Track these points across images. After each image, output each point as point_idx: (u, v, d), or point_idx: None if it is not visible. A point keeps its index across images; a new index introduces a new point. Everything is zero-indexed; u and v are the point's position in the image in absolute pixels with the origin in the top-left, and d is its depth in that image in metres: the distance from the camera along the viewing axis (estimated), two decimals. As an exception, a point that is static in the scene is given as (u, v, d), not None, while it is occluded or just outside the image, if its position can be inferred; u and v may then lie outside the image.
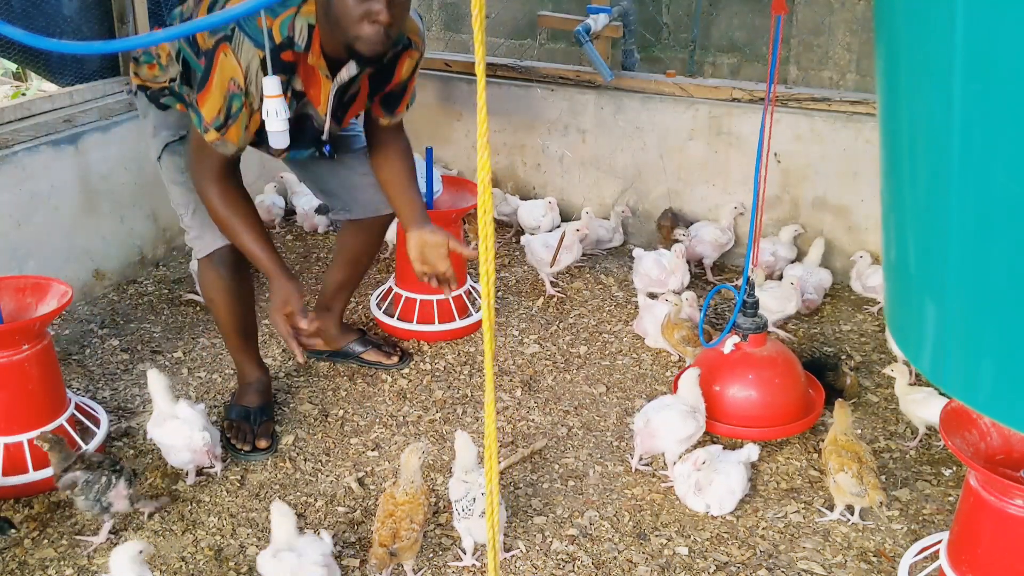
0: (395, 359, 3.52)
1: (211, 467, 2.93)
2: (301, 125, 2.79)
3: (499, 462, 2.97)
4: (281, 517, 2.45)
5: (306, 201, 4.57)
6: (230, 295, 3.07)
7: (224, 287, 3.05)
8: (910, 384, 3.08)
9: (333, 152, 2.98)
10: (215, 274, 3.02)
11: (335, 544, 2.66)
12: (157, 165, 3.04)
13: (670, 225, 4.21)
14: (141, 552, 2.31)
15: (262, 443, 3.04)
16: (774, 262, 4.04)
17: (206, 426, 2.84)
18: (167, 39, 2.82)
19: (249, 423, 3.09)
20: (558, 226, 4.48)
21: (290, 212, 4.75)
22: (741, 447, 2.87)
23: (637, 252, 3.85)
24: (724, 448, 2.90)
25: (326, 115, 2.78)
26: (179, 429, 2.80)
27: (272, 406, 3.24)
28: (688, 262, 3.98)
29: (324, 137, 2.88)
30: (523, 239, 4.13)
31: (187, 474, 2.91)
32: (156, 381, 2.86)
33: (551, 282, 4.09)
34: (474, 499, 2.48)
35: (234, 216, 2.76)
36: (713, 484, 2.73)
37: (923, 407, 2.99)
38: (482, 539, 2.54)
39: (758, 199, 2.94)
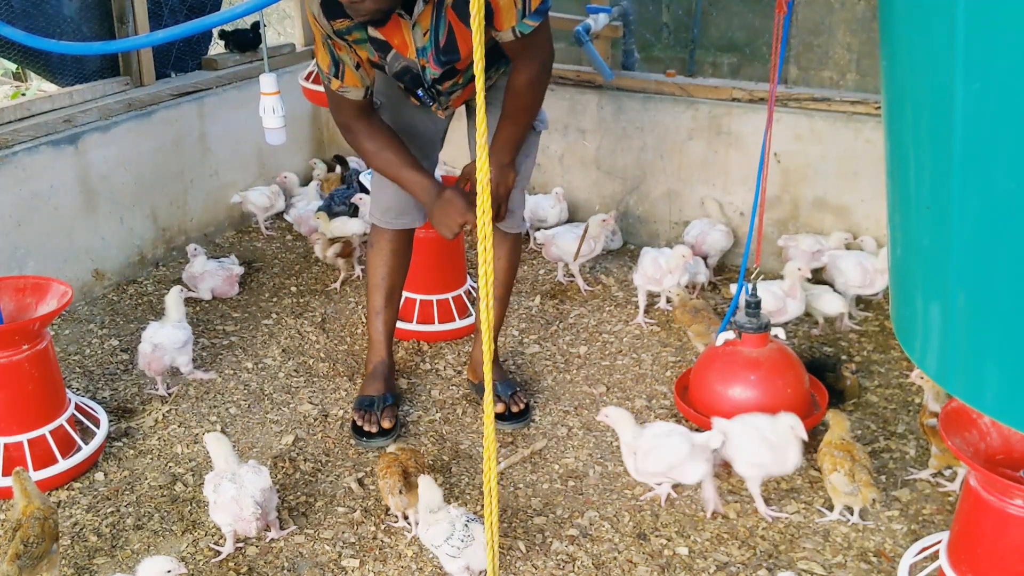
0: (501, 408, 3.19)
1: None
2: (412, 74, 2.76)
3: (498, 462, 2.97)
4: (217, 445, 2.61)
5: (303, 205, 4.48)
6: (388, 252, 3.17)
7: (383, 246, 3.17)
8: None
9: (432, 101, 2.90)
10: (377, 236, 3.17)
11: (335, 543, 2.67)
12: None
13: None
14: (170, 572, 2.30)
15: (385, 423, 3.08)
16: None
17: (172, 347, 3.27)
18: (167, 39, 2.82)
19: (373, 410, 3.14)
20: (567, 220, 4.49)
21: (279, 213, 4.68)
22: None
23: (645, 249, 3.84)
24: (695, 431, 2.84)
25: (416, 58, 2.69)
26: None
27: (397, 394, 3.26)
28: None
29: (427, 85, 2.81)
30: (539, 235, 4.13)
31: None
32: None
33: (582, 278, 4.11)
34: (466, 524, 2.42)
35: (383, 150, 2.80)
36: (650, 454, 2.69)
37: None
38: (481, 566, 2.44)
39: (760, 198, 2.94)
